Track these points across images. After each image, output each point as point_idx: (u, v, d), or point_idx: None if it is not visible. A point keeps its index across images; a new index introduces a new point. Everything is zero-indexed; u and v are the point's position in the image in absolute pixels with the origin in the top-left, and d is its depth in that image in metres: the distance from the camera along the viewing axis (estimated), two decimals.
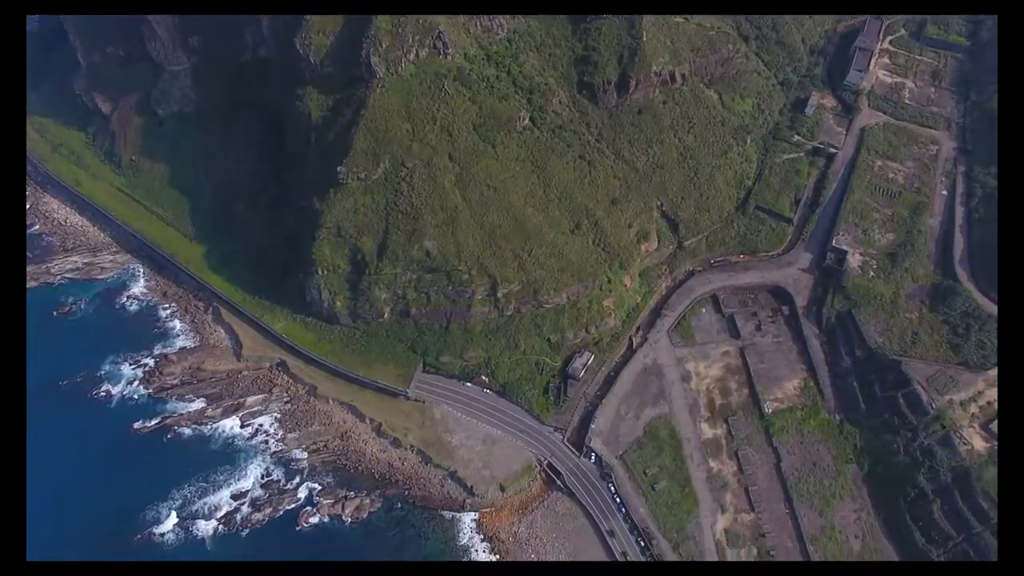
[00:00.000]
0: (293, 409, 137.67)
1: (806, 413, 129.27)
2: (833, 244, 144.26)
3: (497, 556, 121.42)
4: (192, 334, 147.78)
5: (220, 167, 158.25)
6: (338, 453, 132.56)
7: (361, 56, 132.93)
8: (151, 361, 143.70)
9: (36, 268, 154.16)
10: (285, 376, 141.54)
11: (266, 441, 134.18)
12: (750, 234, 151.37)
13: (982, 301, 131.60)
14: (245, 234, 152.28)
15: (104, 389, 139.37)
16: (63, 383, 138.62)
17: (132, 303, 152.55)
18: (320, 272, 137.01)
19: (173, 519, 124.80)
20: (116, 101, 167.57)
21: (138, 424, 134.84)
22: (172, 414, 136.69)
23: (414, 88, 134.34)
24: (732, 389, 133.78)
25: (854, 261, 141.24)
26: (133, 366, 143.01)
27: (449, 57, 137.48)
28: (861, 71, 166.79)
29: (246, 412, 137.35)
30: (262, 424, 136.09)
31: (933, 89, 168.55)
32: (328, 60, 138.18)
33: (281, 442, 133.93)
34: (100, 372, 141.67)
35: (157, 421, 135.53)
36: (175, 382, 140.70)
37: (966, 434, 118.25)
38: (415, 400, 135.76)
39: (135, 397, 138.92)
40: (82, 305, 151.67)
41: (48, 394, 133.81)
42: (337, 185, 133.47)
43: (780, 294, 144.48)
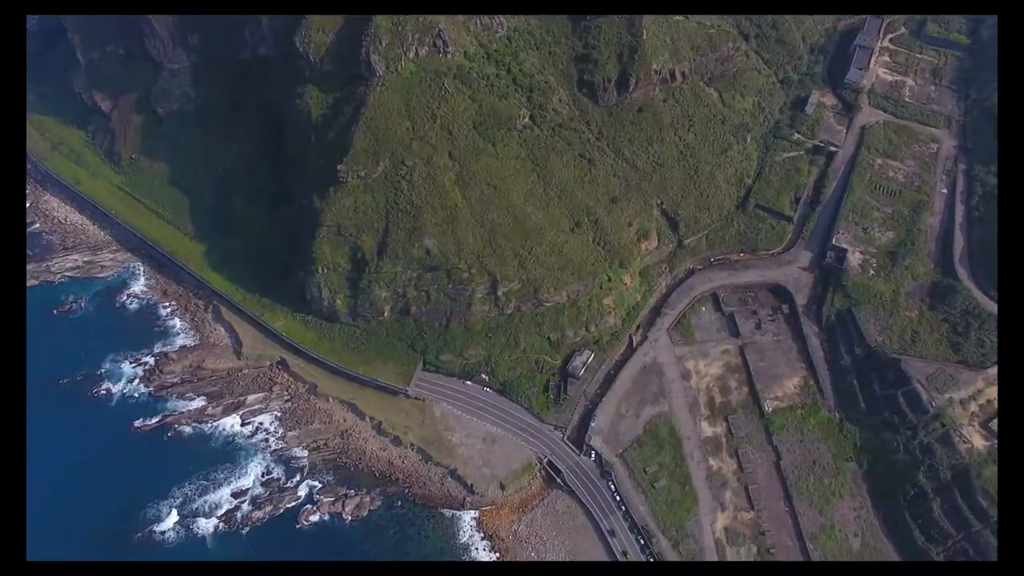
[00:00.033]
0: (293, 407, 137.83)
1: (806, 411, 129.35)
2: (833, 242, 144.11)
3: (497, 554, 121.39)
4: (192, 332, 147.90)
5: (220, 165, 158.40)
6: (338, 451, 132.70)
7: (361, 54, 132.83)
8: (151, 359, 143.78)
9: (36, 267, 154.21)
10: (285, 374, 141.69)
11: (266, 439, 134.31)
12: (750, 232, 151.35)
13: (982, 299, 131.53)
14: (245, 232, 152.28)
15: (104, 387, 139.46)
16: (63, 381, 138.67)
17: (132, 301, 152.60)
18: (320, 270, 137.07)
19: (174, 517, 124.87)
20: (116, 99, 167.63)
21: (139, 422, 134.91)
22: (172, 412, 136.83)
23: (414, 86, 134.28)
24: (732, 387, 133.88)
25: (854, 259, 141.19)
26: (133, 364, 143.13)
27: (449, 55, 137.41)
28: (861, 69, 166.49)
29: (246, 410, 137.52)
30: (262, 422, 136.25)
31: (934, 87, 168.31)
32: (328, 58, 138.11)
33: (281, 440, 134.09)
34: (100, 370, 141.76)
35: (158, 419, 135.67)
36: (175, 380, 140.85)
37: (966, 432, 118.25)
38: (415, 398, 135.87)
39: (135, 395, 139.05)
40: (82, 303, 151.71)
41: (48, 393, 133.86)
42: (337, 183, 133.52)
43: (780, 292, 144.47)
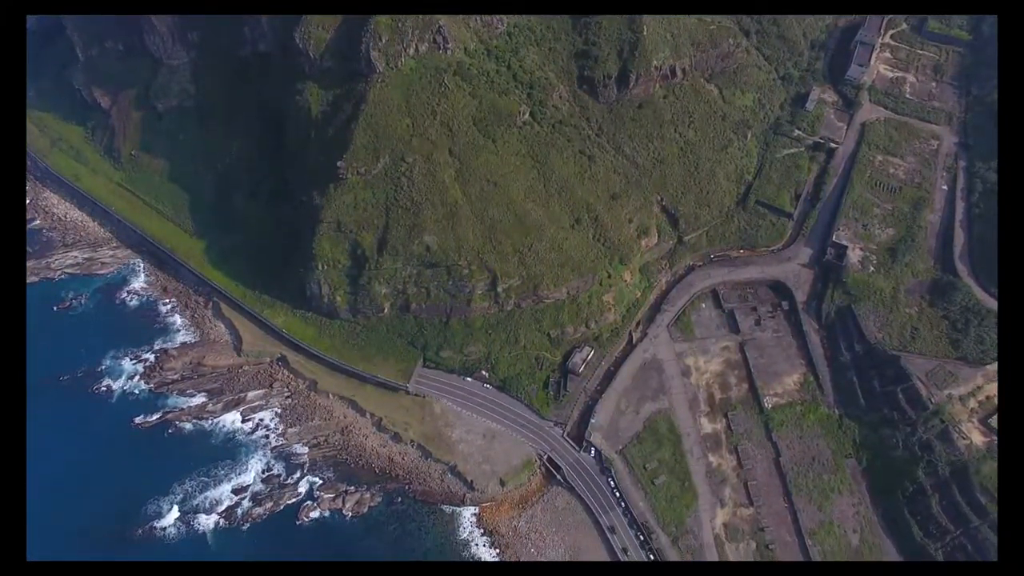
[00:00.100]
0: (294, 404, 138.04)
1: (805, 408, 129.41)
2: (833, 239, 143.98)
3: (497, 550, 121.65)
4: (192, 329, 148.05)
5: (220, 162, 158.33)
6: (339, 448, 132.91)
7: (361, 51, 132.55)
8: (152, 356, 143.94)
9: (36, 263, 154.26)
10: (285, 371, 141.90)
11: (267, 436, 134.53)
12: (750, 229, 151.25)
13: (982, 296, 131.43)
14: (245, 229, 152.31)
15: (105, 384, 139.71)
16: (63, 378, 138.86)
17: (132, 298, 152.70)
18: (320, 267, 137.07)
19: (174, 513, 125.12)
20: (115, 96, 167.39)
21: (139, 419, 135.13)
22: (173, 409, 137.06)
23: (414, 83, 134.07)
24: (732, 384, 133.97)
25: (854, 256, 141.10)
26: (134, 361, 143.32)
27: (449, 52, 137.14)
28: (862, 66, 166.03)
29: (247, 407, 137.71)
30: (263, 419, 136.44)
31: (934, 84, 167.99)
32: (328, 55, 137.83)
33: (282, 437, 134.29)
34: (101, 367, 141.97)
35: (158, 416, 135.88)
36: (176, 377, 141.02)
37: (965, 429, 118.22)
38: (415, 395, 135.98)
39: (136, 392, 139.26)
40: (82, 300, 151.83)
41: (48, 390, 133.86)
42: (337, 180, 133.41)
43: (780, 289, 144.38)
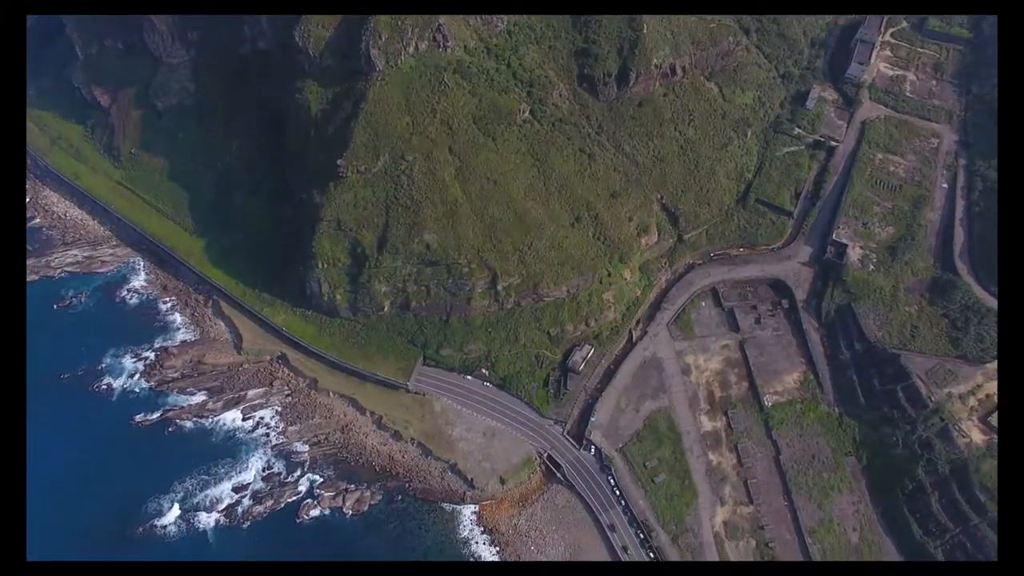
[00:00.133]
0: (294, 402, 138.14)
1: (805, 406, 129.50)
2: (833, 238, 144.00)
3: (497, 548, 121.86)
4: (193, 327, 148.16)
5: (219, 160, 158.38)
6: (339, 446, 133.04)
7: (360, 49, 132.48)
8: (152, 354, 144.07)
9: (36, 262, 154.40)
10: (286, 369, 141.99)
11: (267, 434, 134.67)
12: (750, 227, 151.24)
13: (982, 295, 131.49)
14: (245, 227, 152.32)
15: (105, 382, 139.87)
16: (64, 377, 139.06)
17: (132, 297, 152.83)
18: (320, 265, 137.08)
19: (175, 511, 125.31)
20: (115, 94, 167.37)
21: (139, 417, 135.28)
22: (173, 407, 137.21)
23: (414, 81, 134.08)
24: (732, 382, 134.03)
25: (854, 254, 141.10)
26: (134, 359, 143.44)
27: (449, 50, 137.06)
28: (862, 64, 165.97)
29: (247, 405, 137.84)
30: (263, 417, 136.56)
31: (935, 82, 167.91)
32: (327, 53, 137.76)
33: (282, 435, 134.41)
34: (101, 366, 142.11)
35: (158, 414, 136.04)
36: (176, 375, 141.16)
37: (964, 427, 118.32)
38: (415, 393, 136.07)
39: (136, 390, 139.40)
40: (82, 299, 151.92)
41: (49, 388, 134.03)
42: (337, 178, 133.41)
43: (780, 287, 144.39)
